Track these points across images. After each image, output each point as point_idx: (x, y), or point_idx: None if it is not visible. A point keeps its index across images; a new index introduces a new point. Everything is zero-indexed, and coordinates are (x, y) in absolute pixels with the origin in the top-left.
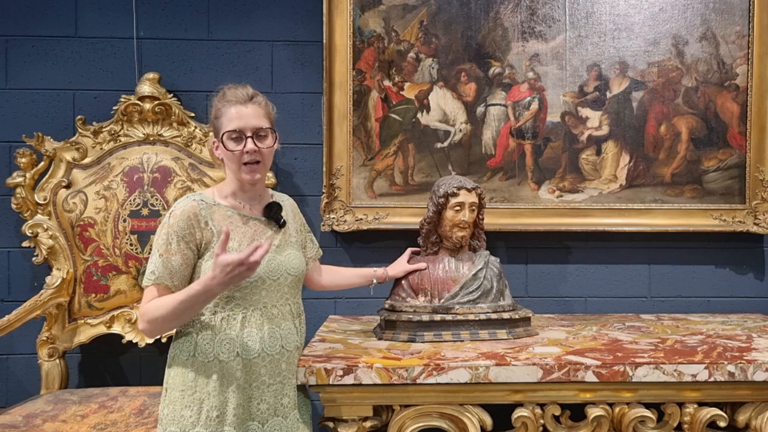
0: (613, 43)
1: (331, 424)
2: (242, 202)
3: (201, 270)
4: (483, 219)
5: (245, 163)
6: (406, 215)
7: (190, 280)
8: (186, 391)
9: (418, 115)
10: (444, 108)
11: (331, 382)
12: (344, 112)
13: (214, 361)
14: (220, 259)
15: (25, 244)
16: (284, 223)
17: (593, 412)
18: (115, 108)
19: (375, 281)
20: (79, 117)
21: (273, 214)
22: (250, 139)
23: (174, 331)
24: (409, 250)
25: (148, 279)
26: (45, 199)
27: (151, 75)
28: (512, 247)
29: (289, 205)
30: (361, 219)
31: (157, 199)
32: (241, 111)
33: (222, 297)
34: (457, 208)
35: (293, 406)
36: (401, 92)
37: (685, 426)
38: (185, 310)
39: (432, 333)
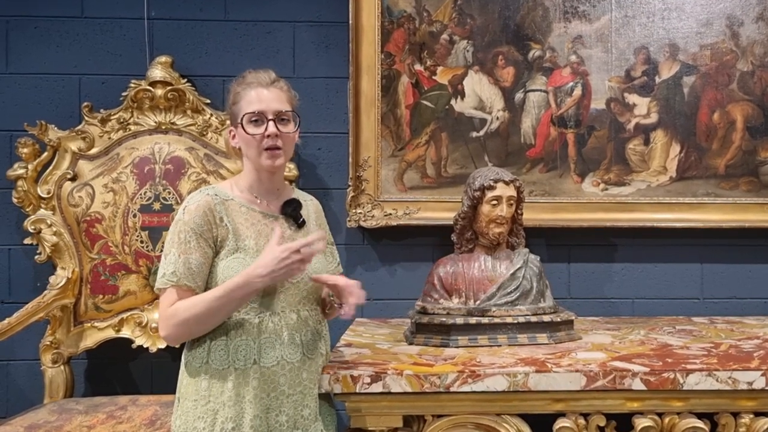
0: (663, 24)
1: None
2: (259, 197)
3: (217, 270)
4: (522, 214)
5: (266, 149)
6: (439, 210)
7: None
8: (199, 401)
9: (452, 102)
10: (480, 94)
11: (357, 391)
12: (372, 99)
13: (229, 369)
14: (276, 247)
15: (26, 241)
16: (303, 222)
17: (641, 422)
18: (124, 94)
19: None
20: (85, 104)
21: (291, 212)
22: (271, 122)
23: None
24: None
25: (168, 280)
26: (48, 193)
27: (163, 58)
28: (553, 244)
29: (312, 206)
30: (390, 214)
31: (169, 193)
32: (262, 93)
33: None
34: (494, 202)
35: (314, 418)
36: (433, 77)
37: None
38: (221, 308)
39: (467, 337)
